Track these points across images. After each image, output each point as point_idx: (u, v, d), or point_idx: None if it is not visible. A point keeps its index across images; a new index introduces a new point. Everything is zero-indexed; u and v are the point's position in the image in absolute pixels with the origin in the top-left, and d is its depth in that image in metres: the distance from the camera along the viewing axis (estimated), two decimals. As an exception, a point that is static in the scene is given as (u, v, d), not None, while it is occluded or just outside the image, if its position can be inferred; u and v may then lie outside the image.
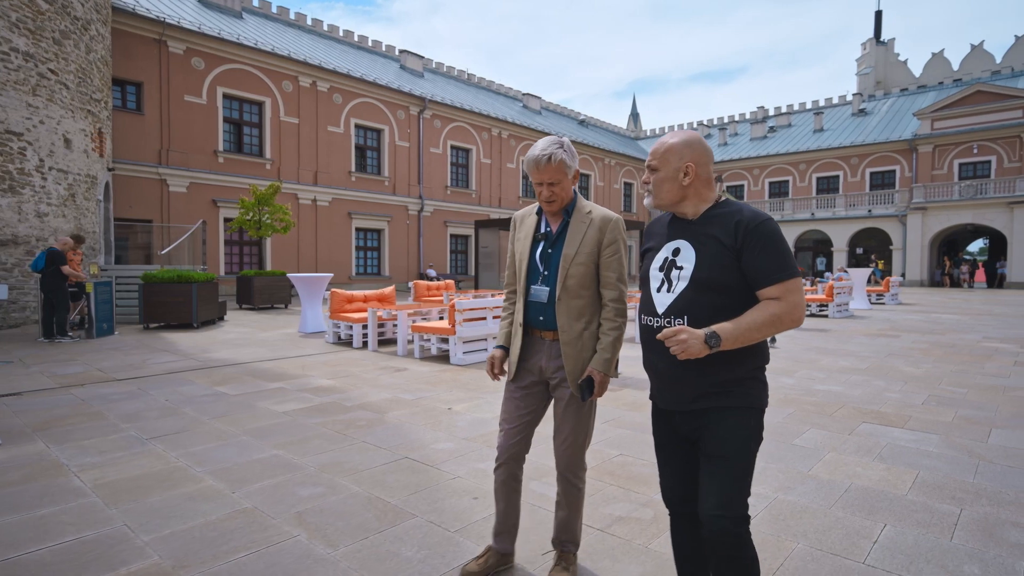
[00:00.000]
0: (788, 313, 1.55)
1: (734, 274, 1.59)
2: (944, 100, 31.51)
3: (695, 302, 1.61)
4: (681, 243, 1.69)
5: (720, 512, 1.55)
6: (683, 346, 1.52)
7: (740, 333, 1.54)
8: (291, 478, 3.32)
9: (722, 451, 1.61)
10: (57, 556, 2.43)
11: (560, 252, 2.09)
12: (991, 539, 2.60)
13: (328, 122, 22.08)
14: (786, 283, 1.56)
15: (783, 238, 1.60)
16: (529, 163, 2.07)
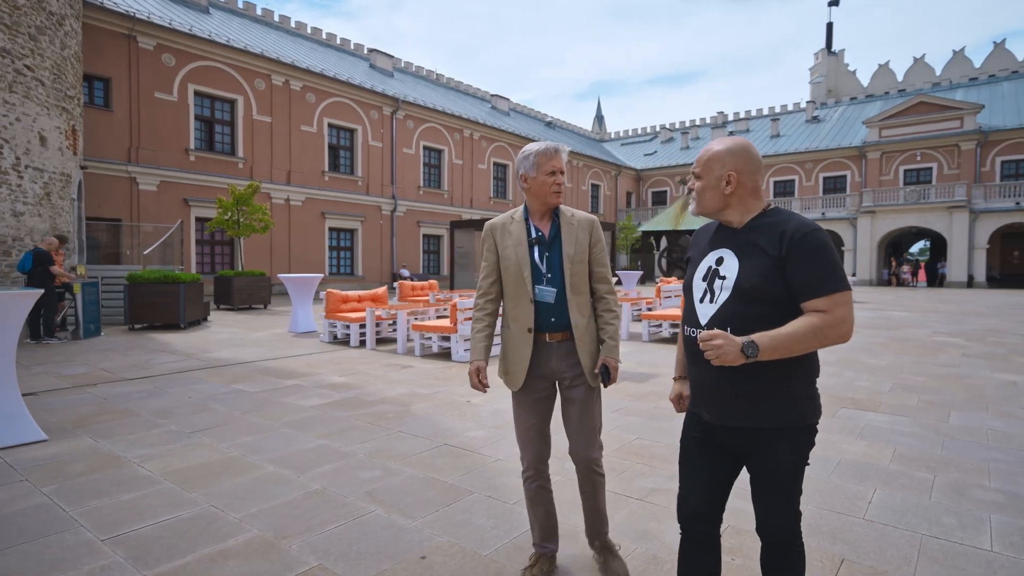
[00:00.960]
0: (833, 326, 1.47)
1: (778, 285, 1.53)
2: (890, 110, 33.40)
3: (738, 313, 1.57)
4: (724, 252, 1.64)
5: (775, 534, 1.65)
6: (718, 351, 1.46)
7: (779, 344, 1.46)
8: (347, 464, 3.61)
9: (778, 473, 1.62)
10: (163, 531, 2.68)
11: (560, 253, 2.15)
12: (962, 497, 3.12)
13: (301, 121, 21.95)
14: (833, 296, 1.48)
15: (832, 249, 1.53)
16: (542, 154, 2.12)
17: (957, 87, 38.41)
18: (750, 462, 1.66)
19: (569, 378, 2.17)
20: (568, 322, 2.14)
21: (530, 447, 2.24)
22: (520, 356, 2.17)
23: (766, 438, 1.59)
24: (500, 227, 2.24)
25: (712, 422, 1.67)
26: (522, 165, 2.16)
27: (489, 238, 2.26)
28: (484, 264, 2.26)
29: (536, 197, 2.17)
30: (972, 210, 28.74)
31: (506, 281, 2.20)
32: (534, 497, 2.27)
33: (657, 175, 42.93)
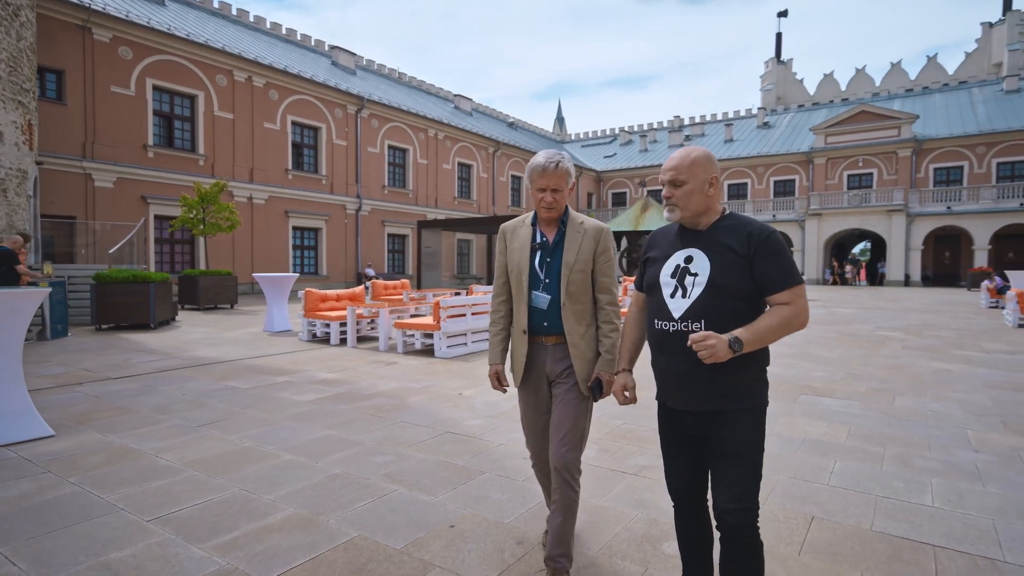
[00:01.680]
0: (797, 316, 1.68)
1: (746, 280, 1.69)
2: (835, 118, 35.22)
3: (712, 307, 1.70)
4: (693, 251, 1.77)
5: (736, 506, 1.69)
6: (711, 351, 1.58)
7: (758, 337, 1.64)
8: (359, 451, 3.84)
9: (737, 450, 1.72)
10: (203, 512, 2.87)
11: (560, 260, 2.16)
12: (907, 467, 3.61)
13: (264, 118, 21.63)
14: (794, 288, 1.69)
15: (787, 248, 1.76)
16: (534, 169, 2.12)
17: (895, 97, 40.79)
18: (716, 443, 1.76)
19: (562, 380, 2.19)
20: (561, 328, 2.16)
21: (533, 442, 2.34)
22: (519, 355, 2.24)
23: (731, 418, 1.73)
24: (512, 230, 2.30)
25: (680, 408, 1.79)
26: (525, 176, 2.21)
27: (502, 240, 2.32)
28: (498, 264, 2.33)
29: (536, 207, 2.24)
30: (908, 214, 30.66)
31: (512, 282, 2.26)
32: (539, 473, 2.42)
33: (617, 177, 43.93)
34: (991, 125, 31.81)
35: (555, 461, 2.14)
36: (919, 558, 2.48)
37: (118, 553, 2.47)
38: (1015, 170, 30.84)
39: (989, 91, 36.63)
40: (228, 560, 2.43)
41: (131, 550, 2.50)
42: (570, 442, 2.15)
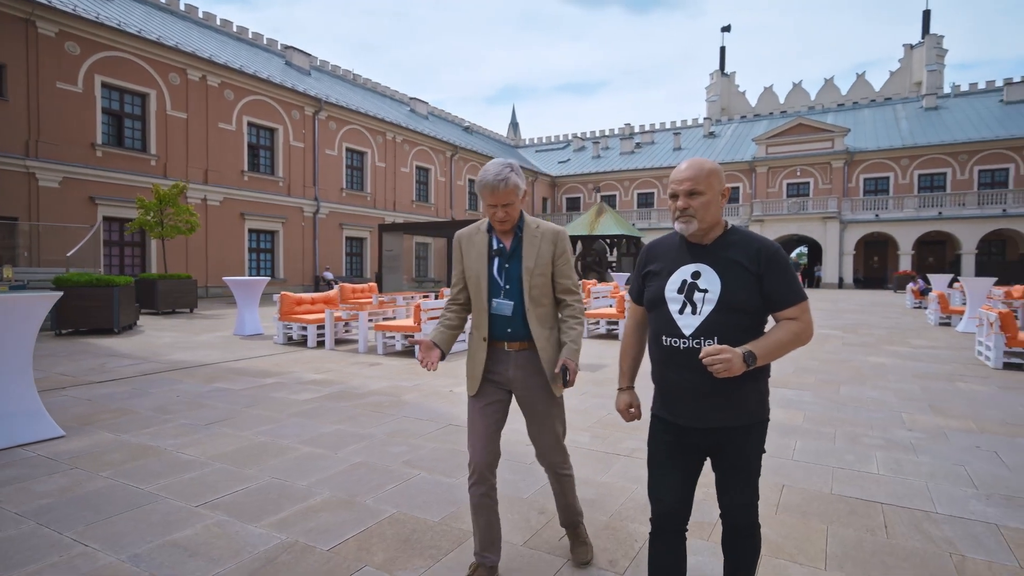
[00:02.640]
0: (805, 330, 1.69)
1: (756, 297, 1.69)
2: (775, 129, 37.26)
3: (723, 323, 1.68)
4: (700, 267, 1.74)
5: (743, 507, 1.78)
6: (727, 365, 1.56)
7: (770, 351, 1.64)
8: (372, 443, 4.13)
9: (745, 464, 1.76)
10: (245, 498, 3.12)
11: (519, 266, 2.17)
12: (855, 443, 4.20)
13: (219, 119, 21.17)
14: (801, 304, 1.70)
15: (792, 264, 2.00)
16: (484, 187, 2.09)
17: (828, 111, 43.45)
18: (722, 458, 1.78)
19: (529, 387, 2.21)
20: (527, 333, 2.18)
21: (478, 452, 2.24)
22: (476, 362, 2.22)
23: (738, 434, 1.73)
24: (467, 238, 2.28)
25: (689, 426, 1.76)
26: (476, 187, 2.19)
27: (457, 248, 2.30)
28: (453, 273, 2.34)
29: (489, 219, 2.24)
30: (841, 220, 32.78)
31: (470, 290, 2.25)
32: (477, 505, 2.26)
33: (571, 182, 44.89)
34: (913, 140, 34.42)
35: (548, 465, 2.34)
36: (870, 512, 3.01)
37: (180, 533, 2.71)
38: (934, 182, 33.47)
39: (911, 108, 39.58)
40: (286, 535, 2.70)
41: (191, 531, 2.74)
42: (554, 447, 2.30)
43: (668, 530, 1.83)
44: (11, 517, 2.87)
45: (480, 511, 2.26)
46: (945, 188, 32.84)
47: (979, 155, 32.13)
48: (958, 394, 5.84)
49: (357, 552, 2.56)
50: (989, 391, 5.99)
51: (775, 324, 1.72)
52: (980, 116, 34.87)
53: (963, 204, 30.29)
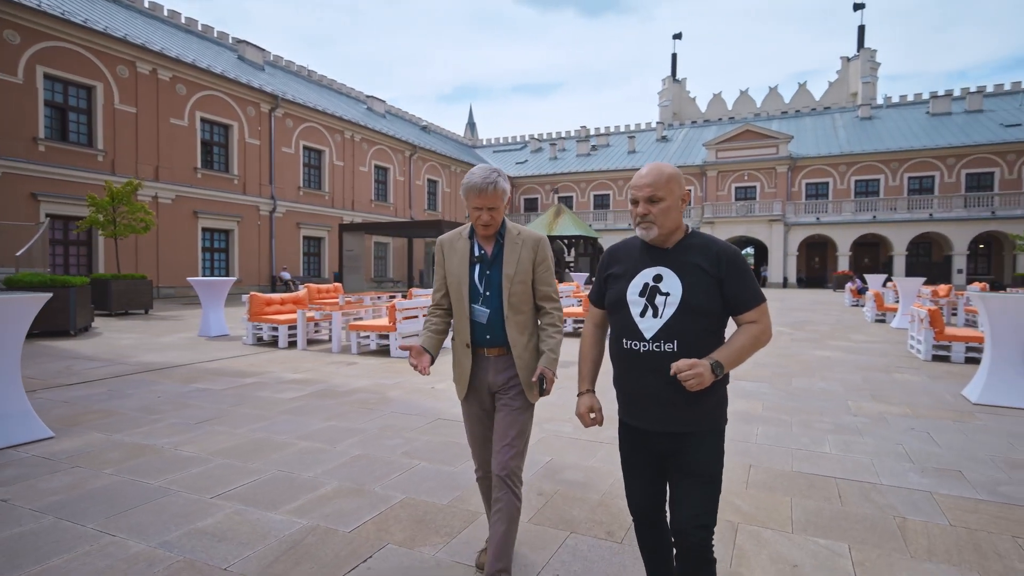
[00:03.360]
0: (764, 332, 1.72)
1: (717, 300, 1.70)
2: (724, 135, 38.77)
3: (684, 326, 1.68)
4: (662, 270, 1.74)
5: (696, 524, 1.67)
6: (700, 379, 1.58)
7: (734, 358, 1.67)
8: (366, 436, 4.31)
9: (701, 470, 1.71)
10: (255, 490, 3.26)
11: (500, 273, 2.18)
12: (809, 428, 4.66)
13: (171, 114, 20.52)
14: (760, 307, 1.73)
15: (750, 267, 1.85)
16: (471, 189, 2.11)
17: (772, 119, 45.48)
18: (677, 463, 1.76)
19: (504, 390, 2.22)
20: (505, 340, 2.18)
21: (478, 452, 2.35)
22: (462, 368, 2.25)
23: (699, 438, 1.73)
24: (449, 243, 2.29)
25: (651, 430, 1.76)
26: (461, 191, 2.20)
27: (439, 252, 2.31)
28: (436, 278, 2.35)
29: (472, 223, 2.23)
30: (786, 223, 34.46)
31: (451, 296, 2.26)
32: (486, 490, 2.38)
33: (529, 183, 45.39)
34: (850, 147, 36.48)
35: (499, 468, 2.15)
36: (827, 485, 3.42)
37: (203, 522, 2.85)
38: (868, 187, 35.59)
39: (848, 117, 41.91)
40: (307, 520, 2.88)
41: (212, 519, 2.88)
42: (515, 449, 2.18)
43: (646, 522, 1.90)
44: (27, 513, 2.93)
45: (489, 495, 2.33)
46: (879, 193, 34.98)
47: (908, 163, 34.39)
48: (895, 384, 6.45)
49: (377, 532, 2.77)
50: (921, 380, 6.64)
51: (736, 329, 1.75)
52: (909, 126, 37.30)
53: (895, 209, 32.36)
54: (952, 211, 30.92)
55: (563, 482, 3.44)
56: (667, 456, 1.78)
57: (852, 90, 48.11)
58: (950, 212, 30.94)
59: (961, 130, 34.77)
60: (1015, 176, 31.70)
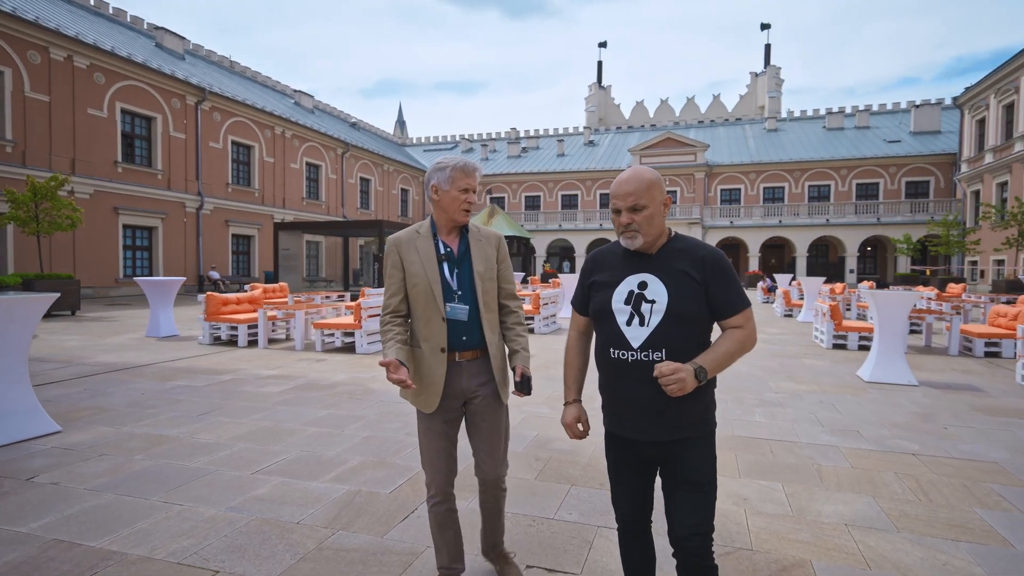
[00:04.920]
0: (749, 337, 1.68)
1: (703, 306, 1.66)
2: (647, 142, 40.93)
3: (672, 334, 1.64)
4: (647, 277, 1.70)
5: (696, 531, 1.65)
6: (681, 384, 1.55)
7: (719, 363, 1.63)
8: (369, 421, 4.76)
9: (696, 477, 1.68)
10: (288, 466, 3.68)
11: (470, 270, 2.11)
12: (741, 403, 5.57)
13: (88, 104, 19.38)
14: (745, 312, 1.69)
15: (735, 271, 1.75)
16: (461, 169, 2.07)
17: (690, 127, 48.41)
18: (670, 471, 1.73)
19: (480, 396, 2.13)
20: (481, 340, 2.12)
21: (440, 472, 2.17)
22: (434, 378, 2.08)
23: (690, 445, 1.69)
24: (406, 242, 2.14)
25: (636, 438, 1.72)
26: (435, 176, 2.09)
27: (393, 254, 2.15)
28: (390, 282, 2.15)
29: (444, 212, 2.11)
30: (703, 226, 36.96)
31: (414, 299, 2.10)
32: (443, 522, 2.19)
33: (460, 183, 45.74)
34: (759, 157, 39.62)
35: (489, 476, 2.18)
36: (760, 445, 4.27)
37: (256, 492, 3.26)
38: (775, 194, 38.81)
39: (757, 128, 45.38)
40: (348, 486, 3.36)
41: (264, 490, 3.30)
42: (501, 459, 2.21)
43: (632, 532, 1.88)
44: (85, 492, 3.22)
45: (445, 526, 2.20)
46: (784, 200, 38.22)
47: (808, 172, 37.82)
48: (804, 367, 7.59)
49: (414, 492, 3.30)
50: (825, 364, 7.84)
51: (721, 334, 1.72)
52: (809, 139, 40.98)
53: (797, 214, 35.53)
54: (845, 217, 34.37)
55: (554, 450, 4.09)
56: (657, 465, 1.78)
57: (760, 103, 52.05)
58: (843, 218, 34.38)
59: (852, 144, 38.67)
60: (896, 187, 35.71)
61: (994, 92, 27.43)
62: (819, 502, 3.22)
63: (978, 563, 2.55)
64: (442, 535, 2.20)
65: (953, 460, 3.93)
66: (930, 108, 38.34)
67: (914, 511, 3.10)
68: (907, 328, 9.30)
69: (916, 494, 3.34)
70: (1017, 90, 25.51)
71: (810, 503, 3.20)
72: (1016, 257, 22.27)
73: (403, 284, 2.12)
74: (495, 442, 2.18)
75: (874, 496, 3.31)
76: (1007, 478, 3.59)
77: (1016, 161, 25.48)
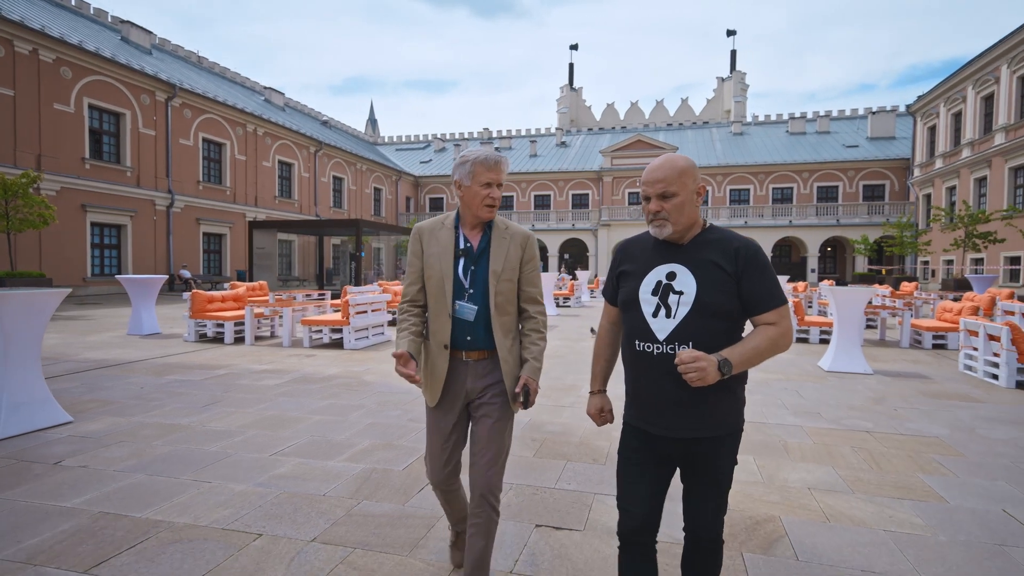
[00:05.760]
0: (784, 336, 1.60)
1: (734, 299, 1.60)
2: (617, 144, 41.72)
3: (700, 327, 1.59)
4: (676, 267, 1.65)
5: (713, 515, 1.70)
6: (702, 374, 1.48)
7: (746, 359, 1.55)
8: (370, 409, 5.03)
9: (718, 476, 1.67)
10: (303, 449, 3.95)
11: (487, 268, 2.03)
12: (714, 390, 6.02)
13: (54, 99, 18.95)
14: (780, 309, 1.61)
15: (772, 266, 1.67)
16: (484, 162, 1.98)
17: (660, 130, 49.47)
18: (692, 469, 1.70)
19: (485, 398, 2.05)
20: (489, 342, 2.04)
21: (438, 470, 2.13)
22: (437, 372, 2.05)
23: (711, 445, 1.64)
24: (428, 232, 2.11)
25: (660, 434, 1.67)
26: (457, 171, 2.02)
27: (416, 242, 2.12)
28: (410, 270, 2.12)
29: (468, 207, 2.04)
30: (672, 227, 37.85)
31: (429, 292, 2.07)
32: (446, 499, 2.24)
33: (434, 183, 45.88)
34: (725, 159, 40.79)
35: (482, 486, 2.02)
36: (733, 425, 4.70)
37: (278, 471, 3.52)
38: (741, 195, 40.03)
39: (723, 132, 46.67)
40: (364, 464, 3.65)
41: (285, 469, 3.56)
42: (497, 465, 2.05)
43: (636, 543, 1.75)
44: (116, 473, 3.44)
45: (450, 501, 2.25)
46: (749, 202, 39.46)
47: (772, 175, 39.13)
48: (772, 360, 8.12)
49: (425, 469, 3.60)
50: (789, 356, 8.39)
51: (752, 329, 1.65)
52: (772, 143, 42.37)
53: (762, 215, 36.74)
54: (807, 218, 35.70)
55: (547, 432, 4.44)
56: (677, 464, 1.74)
57: (726, 107, 53.51)
58: (805, 219, 35.71)
59: (813, 148, 40.16)
60: (854, 190, 37.25)
61: (943, 101, 28.95)
62: (786, 471, 3.64)
63: (918, 515, 3.00)
64: (448, 507, 2.29)
65: (901, 436, 4.43)
66: (885, 115, 40.11)
67: (866, 477, 3.55)
68: (863, 323, 9.96)
69: (868, 463, 3.80)
70: (964, 99, 27.00)
71: (778, 472, 3.63)
72: (963, 257, 23.61)
73: (422, 273, 2.09)
74: (490, 449, 2.03)
75: (833, 465, 3.75)
76: (946, 450, 4.09)
77: (964, 167, 26.97)
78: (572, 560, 2.52)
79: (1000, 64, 24.17)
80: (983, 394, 5.92)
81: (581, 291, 19.99)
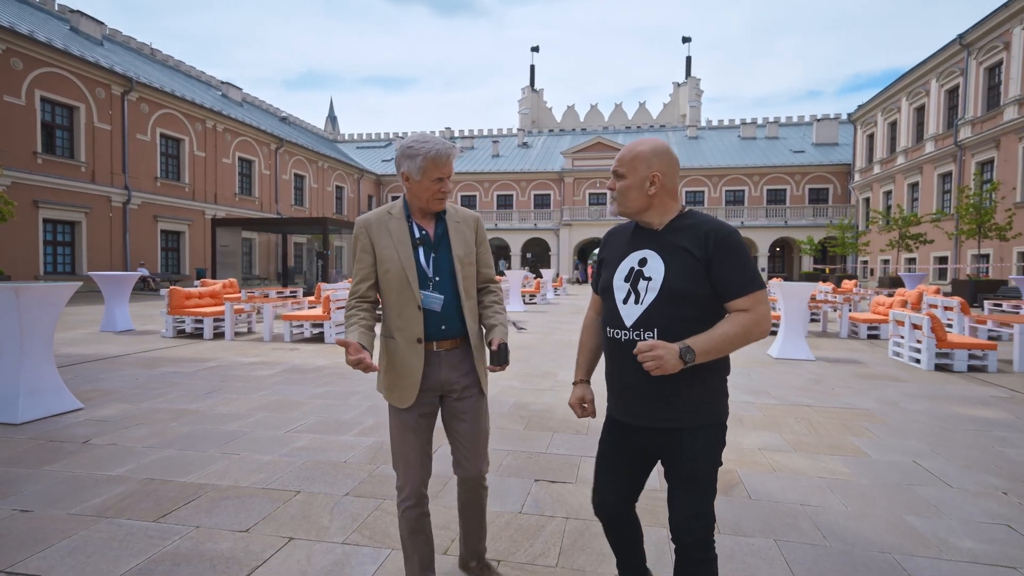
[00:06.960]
0: (757, 324, 1.54)
1: (704, 285, 1.56)
2: (578, 145, 42.66)
3: (665, 314, 1.57)
4: (647, 253, 1.64)
5: (692, 525, 1.59)
6: (659, 362, 1.45)
7: (713, 346, 1.51)
8: (366, 395, 5.41)
9: (695, 471, 1.61)
10: (312, 427, 4.32)
11: (449, 255, 2.00)
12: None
13: (4, 91, 18.34)
14: (755, 294, 1.55)
15: (748, 249, 1.60)
16: (435, 157, 1.90)
17: (619, 132, 50.76)
18: (668, 461, 1.66)
19: (460, 388, 2.03)
20: (461, 329, 2.02)
21: (414, 471, 2.02)
22: (410, 370, 1.95)
23: (685, 437, 1.60)
24: (376, 224, 2.01)
25: (634, 423, 1.66)
26: (405, 163, 1.94)
27: (363, 236, 2.01)
28: (359, 267, 2.02)
29: (417, 198, 1.99)
30: (631, 227, 39.01)
31: (386, 286, 1.98)
32: (415, 527, 2.04)
33: (396, 181, 45.76)
34: (681, 163, 42.26)
35: (471, 473, 2.08)
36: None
37: (296, 444, 3.91)
38: (696, 198, 41.56)
39: (679, 135, 48.27)
40: (373, 438, 4.06)
41: (302, 443, 3.95)
42: (482, 454, 2.10)
43: (614, 520, 1.81)
44: (145, 449, 3.75)
45: (417, 533, 2.04)
46: (704, 203, 41.01)
47: (725, 178, 40.80)
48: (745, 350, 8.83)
49: (429, 440, 4.04)
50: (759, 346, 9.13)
51: (726, 316, 1.60)
52: (725, 147, 44.14)
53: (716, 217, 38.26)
54: (757, 220, 37.42)
55: (532, 410, 4.94)
56: (656, 456, 1.72)
57: (682, 111, 55.27)
58: (756, 221, 37.42)
59: (763, 153, 42.06)
60: (801, 193, 39.24)
61: (881, 111, 30.94)
62: (740, 437, 4.25)
63: (847, 467, 3.63)
64: (414, 541, 2.04)
65: (836, 409, 5.13)
66: (829, 122, 42.38)
67: (807, 440, 4.20)
68: (807, 316, 10.86)
69: (808, 430, 4.45)
70: (899, 110, 28.96)
71: (734, 438, 4.23)
72: (898, 257, 25.38)
73: (373, 270, 1.99)
74: (477, 437, 2.06)
75: (779, 432, 4.39)
76: (873, 419, 4.80)
77: (899, 172, 28.92)
78: (568, 503, 3.03)
79: (930, 78, 26.08)
80: (907, 375, 6.76)
81: (547, 288, 20.61)
